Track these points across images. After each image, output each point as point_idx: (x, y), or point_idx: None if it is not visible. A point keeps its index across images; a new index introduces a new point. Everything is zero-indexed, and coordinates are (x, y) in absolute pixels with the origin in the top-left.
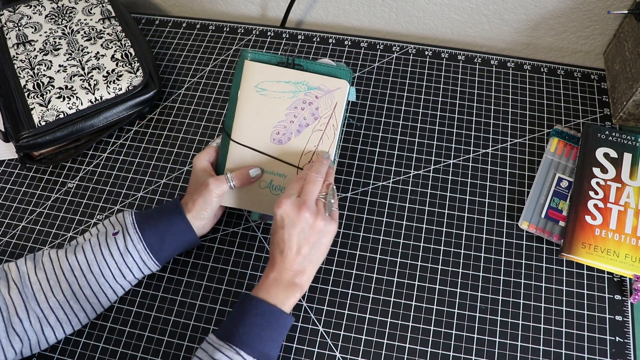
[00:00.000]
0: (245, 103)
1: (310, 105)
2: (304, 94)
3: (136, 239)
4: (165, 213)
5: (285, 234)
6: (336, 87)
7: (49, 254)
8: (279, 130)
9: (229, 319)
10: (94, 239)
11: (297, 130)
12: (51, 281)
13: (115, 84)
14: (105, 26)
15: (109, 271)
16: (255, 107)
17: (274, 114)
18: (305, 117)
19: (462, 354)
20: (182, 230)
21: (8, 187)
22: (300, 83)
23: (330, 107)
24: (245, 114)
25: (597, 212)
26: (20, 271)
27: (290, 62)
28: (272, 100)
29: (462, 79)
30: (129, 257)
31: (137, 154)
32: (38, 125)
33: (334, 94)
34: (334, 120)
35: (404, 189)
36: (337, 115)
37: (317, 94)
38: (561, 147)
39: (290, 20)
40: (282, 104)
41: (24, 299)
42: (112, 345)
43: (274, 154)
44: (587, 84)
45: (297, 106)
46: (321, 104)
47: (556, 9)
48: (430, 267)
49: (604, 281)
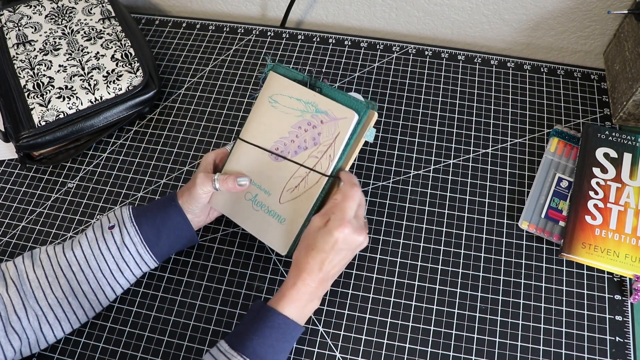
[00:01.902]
0: (256, 110)
1: (313, 129)
2: (311, 115)
3: (132, 232)
4: (161, 206)
5: (337, 256)
6: (342, 116)
7: (46, 250)
8: (278, 146)
9: (243, 327)
10: (90, 233)
11: (295, 151)
12: (49, 278)
13: (115, 84)
14: (105, 26)
15: (106, 265)
16: (265, 117)
17: (279, 128)
18: (306, 140)
19: (462, 354)
20: (178, 222)
21: (8, 187)
22: (310, 104)
23: (332, 135)
24: (254, 120)
25: (597, 212)
26: (18, 269)
27: (312, 82)
28: (280, 114)
29: (462, 79)
30: (125, 251)
31: (137, 154)
32: (38, 125)
33: (339, 122)
34: (331, 151)
35: (404, 189)
36: (336, 147)
37: (323, 118)
38: (561, 147)
39: (290, 20)
40: (289, 120)
41: (22, 297)
42: (112, 345)
43: (266, 169)
44: (587, 84)
45: (301, 126)
46: (324, 130)
47: (556, 9)
48: (430, 267)
49: (604, 281)
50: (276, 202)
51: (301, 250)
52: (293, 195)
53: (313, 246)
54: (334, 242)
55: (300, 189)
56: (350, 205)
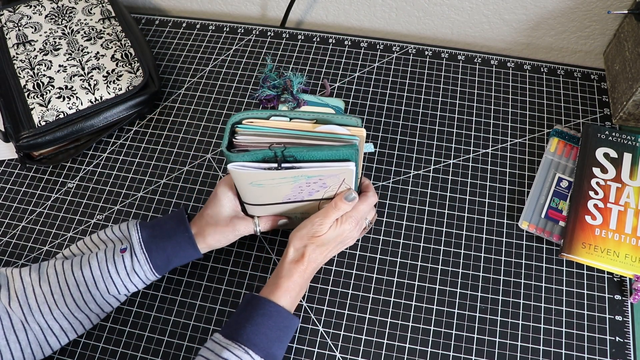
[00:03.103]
0: (245, 194)
1: (315, 184)
2: (305, 180)
3: (143, 260)
4: (173, 234)
5: (334, 250)
6: (339, 173)
7: (54, 265)
8: (290, 197)
9: (236, 318)
10: (101, 254)
11: (309, 193)
12: (55, 295)
13: (115, 84)
14: (105, 26)
15: (114, 287)
16: (257, 195)
17: (279, 193)
18: (314, 189)
19: (462, 354)
20: (189, 254)
21: (8, 187)
22: (298, 177)
23: (338, 181)
24: (245, 197)
25: (597, 212)
26: (24, 282)
27: (280, 156)
28: (273, 188)
29: (462, 79)
30: (135, 276)
31: (137, 154)
32: (38, 125)
33: (339, 176)
34: (345, 186)
35: (404, 189)
36: (347, 182)
37: (320, 177)
38: (561, 147)
39: (290, 20)
40: (286, 188)
41: (24, 312)
42: (112, 345)
43: (291, 206)
44: (587, 84)
45: (301, 186)
46: (327, 181)
47: (556, 9)
48: (430, 267)
49: (604, 281)
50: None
51: (304, 240)
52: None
53: (324, 241)
54: (342, 237)
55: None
56: (365, 209)
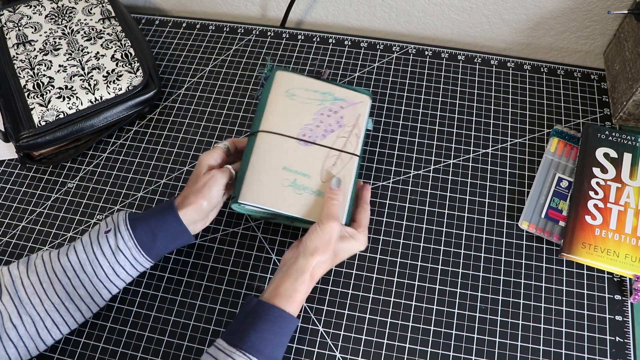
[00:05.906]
0: (274, 105)
1: (335, 114)
2: (331, 103)
3: (127, 236)
4: (158, 210)
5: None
6: (359, 101)
7: (41, 256)
8: (305, 132)
9: (239, 323)
10: (85, 237)
11: (323, 134)
12: (44, 284)
13: (115, 84)
14: (105, 26)
15: (101, 270)
16: (285, 108)
17: (302, 116)
18: (331, 124)
19: (462, 354)
20: (174, 226)
21: (8, 187)
22: (327, 93)
23: (354, 117)
24: (274, 114)
25: (597, 212)
26: (12, 275)
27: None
28: (301, 105)
29: (462, 79)
30: (120, 255)
31: (137, 154)
32: (38, 125)
33: (358, 106)
34: (357, 130)
35: (404, 189)
36: (360, 125)
37: (342, 104)
38: (561, 147)
39: (290, 20)
40: (310, 109)
41: (16, 306)
42: (112, 345)
43: (299, 155)
44: (587, 84)
45: (323, 113)
46: (346, 114)
47: (556, 9)
48: (430, 267)
49: (604, 281)
50: (318, 182)
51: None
52: (334, 172)
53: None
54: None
55: (338, 166)
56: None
